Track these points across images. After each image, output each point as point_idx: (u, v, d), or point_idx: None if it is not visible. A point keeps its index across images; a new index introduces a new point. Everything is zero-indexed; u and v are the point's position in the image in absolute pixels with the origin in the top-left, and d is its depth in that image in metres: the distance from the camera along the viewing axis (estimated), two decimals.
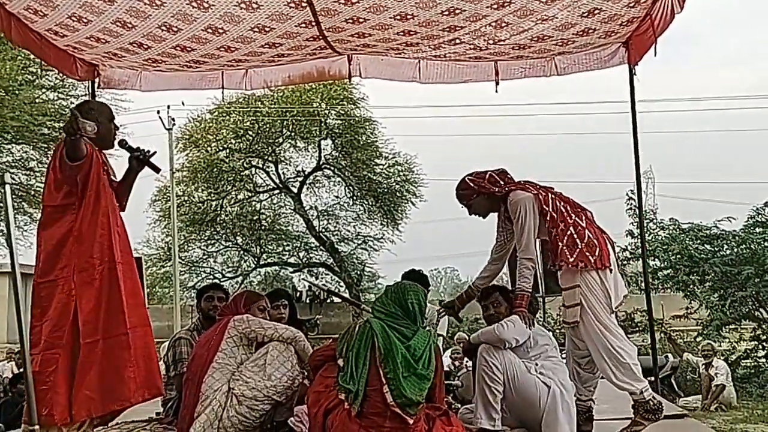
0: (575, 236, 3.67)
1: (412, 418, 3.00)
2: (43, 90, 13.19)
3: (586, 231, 3.69)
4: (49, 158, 3.46)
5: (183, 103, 18.88)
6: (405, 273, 4.91)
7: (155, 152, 3.52)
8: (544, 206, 3.74)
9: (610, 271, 3.64)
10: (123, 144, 3.49)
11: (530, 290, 3.73)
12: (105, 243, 3.25)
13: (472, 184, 3.92)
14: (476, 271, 4.17)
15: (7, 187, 2.86)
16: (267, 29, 4.29)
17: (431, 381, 3.15)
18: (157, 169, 3.60)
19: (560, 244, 3.66)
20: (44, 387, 3.04)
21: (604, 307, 3.59)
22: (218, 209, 18.40)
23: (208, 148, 17.84)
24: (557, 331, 11.89)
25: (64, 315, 3.12)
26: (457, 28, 4.36)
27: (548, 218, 3.72)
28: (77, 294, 3.15)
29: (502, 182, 3.89)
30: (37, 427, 2.89)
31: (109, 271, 3.22)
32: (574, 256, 3.61)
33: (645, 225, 10.46)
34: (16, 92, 12.30)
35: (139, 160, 3.45)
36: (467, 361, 6.10)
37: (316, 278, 19.22)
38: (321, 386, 3.21)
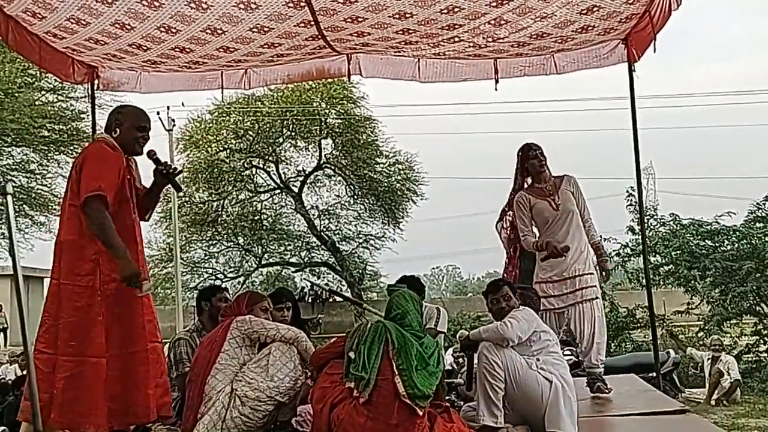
0: None
1: (422, 411, 3.04)
2: (43, 92, 13.20)
3: None
4: (50, 160, 3.52)
5: (183, 104, 18.88)
6: (399, 279, 4.86)
7: (181, 171, 3.50)
8: None
9: None
10: (151, 155, 3.43)
11: None
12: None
13: None
14: (478, 268, 4.27)
15: (9, 197, 2.84)
16: (266, 29, 4.29)
17: (438, 380, 3.22)
18: (179, 189, 3.66)
19: None
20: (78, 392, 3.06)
21: None
22: (219, 210, 18.41)
23: (209, 149, 17.82)
24: None
25: (91, 323, 3.10)
26: (456, 26, 4.35)
27: None
28: (105, 304, 3.13)
29: None
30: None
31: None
32: None
33: (646, 221, 10.44)
34: (16, 95, 12.31)
35: (163, 174, 3.39)
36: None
37: (318, 277, 19.22)
38: (326, 382, 3.26)
